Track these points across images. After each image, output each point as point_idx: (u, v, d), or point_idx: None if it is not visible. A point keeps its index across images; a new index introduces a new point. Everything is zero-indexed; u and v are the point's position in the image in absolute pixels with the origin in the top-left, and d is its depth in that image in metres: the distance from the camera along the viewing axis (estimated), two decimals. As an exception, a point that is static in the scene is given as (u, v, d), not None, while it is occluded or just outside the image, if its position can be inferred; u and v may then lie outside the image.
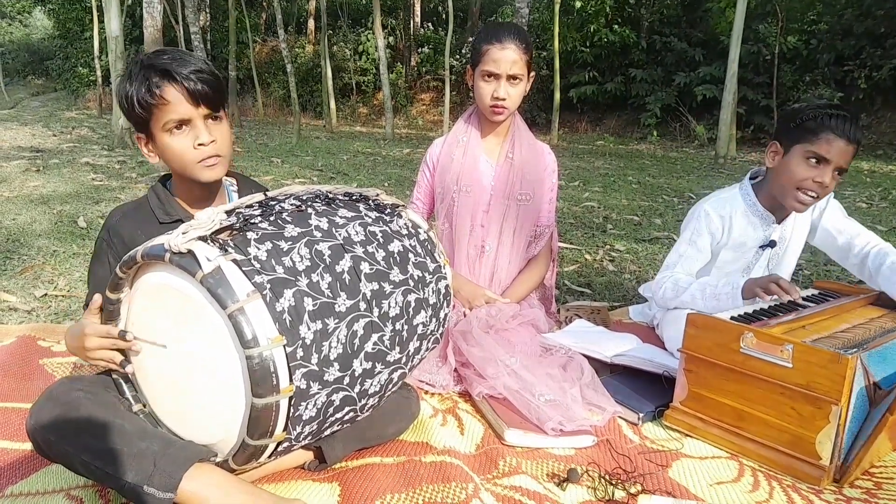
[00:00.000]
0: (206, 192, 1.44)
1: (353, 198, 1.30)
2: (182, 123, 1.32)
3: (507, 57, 1.92)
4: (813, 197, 1.79)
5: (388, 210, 1.32)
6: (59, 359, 1.93)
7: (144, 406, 1.24)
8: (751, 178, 2.01)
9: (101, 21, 12.15)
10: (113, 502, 1.26)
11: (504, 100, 1.95)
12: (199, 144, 1.33)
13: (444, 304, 1.35)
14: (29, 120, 11.55)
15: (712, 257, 2.04)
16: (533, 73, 2.02)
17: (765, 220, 1.96)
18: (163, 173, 1.49)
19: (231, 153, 1.41)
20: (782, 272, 2.06)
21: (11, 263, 2.93)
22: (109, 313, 1.20)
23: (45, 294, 2.57)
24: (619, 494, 1.32)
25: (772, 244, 1.97)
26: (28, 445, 1.27)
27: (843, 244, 1.95)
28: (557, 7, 10.15)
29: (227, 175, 1.47)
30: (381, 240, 1.23)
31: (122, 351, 1.21)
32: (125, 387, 1.24)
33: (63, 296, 2.55)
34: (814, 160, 1.76)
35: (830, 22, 10.32)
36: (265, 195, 1.19)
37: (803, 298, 1.81)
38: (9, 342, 2.02)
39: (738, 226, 1.97)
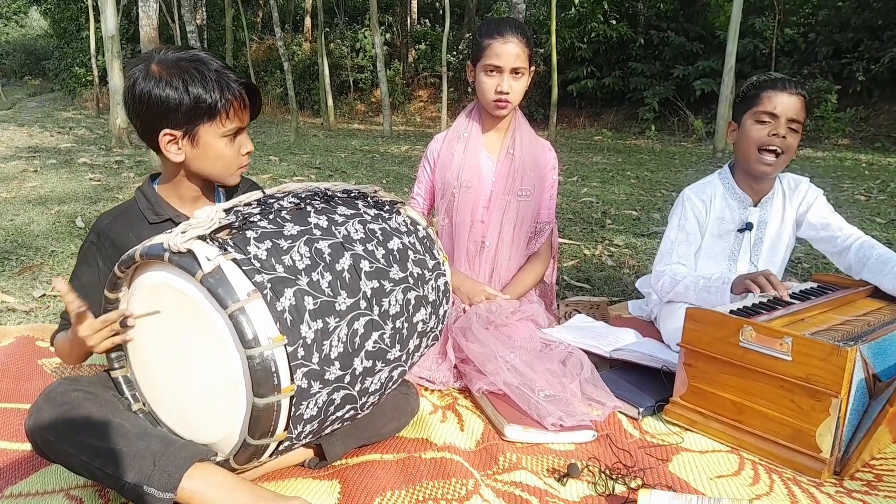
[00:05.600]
0: (199, 192, 1.43)
1: (352, 195, 1.29)
2: (239, 132, 1.35)
3: (509, 51, 1.92)
4: (775, 153, 1.89)
5: (387, 207, 1.32)
6: (58, 359, 1.93)
7: (144, 405, 1.24)
8: (730, 167, 2.10)
9: (97, 20, 12.10)
10: (113, 502, 1.26)
11: (508, 94, 1.95)
12: (247, 153, 1.38)
13: (444, 301, 1.35)
14: (26, 120, 11.52)
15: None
16: (534, 68, 2.02)
17: (742, 203, 2.04)
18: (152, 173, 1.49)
19: None
20: (770, 263, 2.07)
21: (9, 264, 2.93)
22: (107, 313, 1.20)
23: (44, 294, 2.56)
24: (620, 489, 1.32)
25: (748, 226, 2.02)
26: (27, 446, 1.27)
27: (826, 236, 2.01)
28: (554, 2, 10.13)
29: None
30: (380, 237, 1.23)
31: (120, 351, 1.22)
32: (124, 386, 1.24)
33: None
34: (764, 117, 1.88)
35: (828, 14, 10.30)
36: (263, 193, 1.18)
37: (802, 291, 1.82)
38: (7, 343, 2.02)
39: (716, 208, 2.05)
